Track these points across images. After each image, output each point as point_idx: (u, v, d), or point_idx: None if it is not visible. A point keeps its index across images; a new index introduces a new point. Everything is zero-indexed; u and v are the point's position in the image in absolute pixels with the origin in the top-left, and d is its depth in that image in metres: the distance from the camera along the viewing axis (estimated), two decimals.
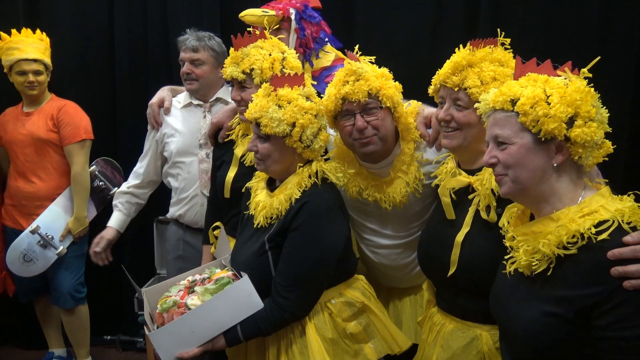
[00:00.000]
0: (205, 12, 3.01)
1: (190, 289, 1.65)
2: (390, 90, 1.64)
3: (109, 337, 3.36)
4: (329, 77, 2.14)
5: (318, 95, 1.72)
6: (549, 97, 1.16)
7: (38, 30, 2.78)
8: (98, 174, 2.93)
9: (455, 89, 1.48)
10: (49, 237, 2.77)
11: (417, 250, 1.71)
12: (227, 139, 2.12)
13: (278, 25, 2.18)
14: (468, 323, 1.52)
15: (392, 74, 1.71)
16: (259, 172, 1.80)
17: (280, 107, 1.58)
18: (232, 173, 2.03)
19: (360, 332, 1.67)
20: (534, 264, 1.17)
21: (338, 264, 1.63)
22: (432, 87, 1.58)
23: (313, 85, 1.76)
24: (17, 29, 2.73)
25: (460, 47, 1.53)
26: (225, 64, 1.90)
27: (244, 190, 1.85)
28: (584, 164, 1.19)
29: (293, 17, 2.20)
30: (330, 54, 2.31)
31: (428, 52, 2.78)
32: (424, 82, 1.61)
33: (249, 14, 2.15)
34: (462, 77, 1.46)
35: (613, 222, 1.10)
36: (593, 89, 1.18)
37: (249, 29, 1.89)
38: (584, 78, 1.19)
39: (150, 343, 1.76)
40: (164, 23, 3.07)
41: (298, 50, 2.20)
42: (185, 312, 1.54)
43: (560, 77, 1.20)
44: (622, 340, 1.05)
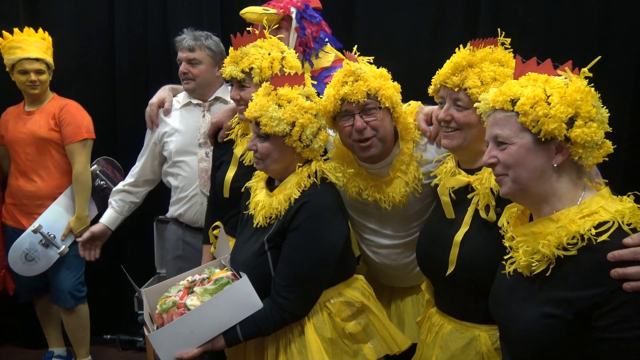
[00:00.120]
0: (205, 12, 3.01)
1: (190, 290, 1.65)
2: (389, 91, 1.64)
3: (109, 336, 3.36)
4: (329, 77, 2.14)
5: (317, 95, 1.72)
6: (549, 97, 1.15)
7: (40, 30, 2.78)
8: (99, 173, 2.93)
9: (456, 89, 1.48)
10: (51, 236, 2.77)
11: (415, 250, 1.71)
12: (226, 139, 2.12)
13: (278, 24, 2.18)
14: (466, 324, 1.52)
15: (392, 74, 1.71)
16: (259, 171, 1.79)
17: (280, 106, 1.58)
18: (231, 173, 2.03)
19: (360, 332, 1.66)
20: (534, 265, 1.16)
21: (337, 264, 1.63)
22: (432, 87, 1.58)
23: (313, 85, 1.76)
24: (17, 29, 2.73)
25: (460, 47, 1.53)
26: (225, 63, 1.90)
27: (244, 190, 1.85)
28: (584, 164, 1.19)
29: (294, 16, 2.20)
30: (330, 55, 2.31)
31: (428, 52, 2.78)
32: (424, 82, 1.61)
33: (250, 12, 2.15)
34: (462, 77, 1.46)
35: (613, 223, 1.09)
36: (593, 89, 1.17)
37: (249, 29, 1.89)
38: (584, 78, 1.18)
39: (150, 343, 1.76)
40: (164, 23, 3.07)
41: (298, 50, 2.20)
42: (185, 312, 1.54)
43: (561, 76, 1.20)
44: (621, 342, 1.05)
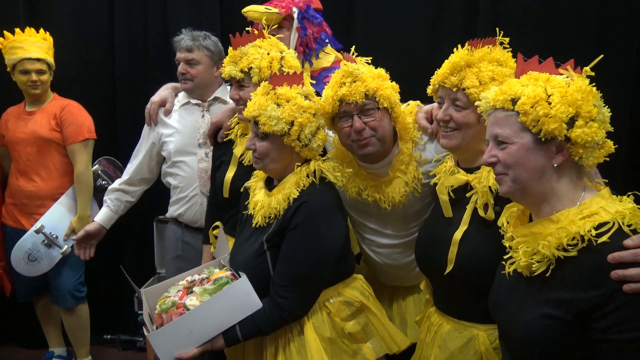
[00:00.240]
0: (205, 12, 3.01)
1: (189, 290, 1.65)
2: (387, 91, 1.64)
3: (109, 336, 3.36)
4: (328, 77, 2.14)
5: (317, 95, 1.72)
6: (550, 96, 1.14)
7: (42, 30, 2.78)
8: (101, 173, 2.93)
9: (454, 89, 1.48)
10: (53, 236, 2.78)
11: (414, 249, 1.71)
12: (226, 139, 2.13)
13: (279, 24, 2.18)
14: (465, 323, 1.52)
15: (391, 74, 1.71)
16: (258, 171, 1.80)
17: (279, 105, 1.58)
18: (231, 173, 2.03)
19: (359, 331, 1.67)
20: (534, 266, 1.16)
21: (336, 264, 1.63)
22: (430, 87, 1.58)
23: (312, 85, 1.76)
24: (18, 29, 2.73)
25: (459, 47, 1.53)
26: (224, 63, 1.90)
27: (242, 190, 1.85)
28: (585, 165, 1.18)
29: (295, 16, 2.20)
30: (331, 55, 2.31)
31: (427, 51, 2.78)
32: (423, 82, 1.61)
33: (252, 10, 2.15)
34: (460, 77, 1.46)
35: (613, 224, 1.09)
36: (595, 88, 1.16)
37: (248, 29, 1.89)
38: (586, 77, 1.17)
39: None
40: (164, 23, 3.07)
41: (298, 50, 2.20)
42: (184, 312, 1.54)
43: (562, 75, 1.19)
44: (621, 343, 1.05)
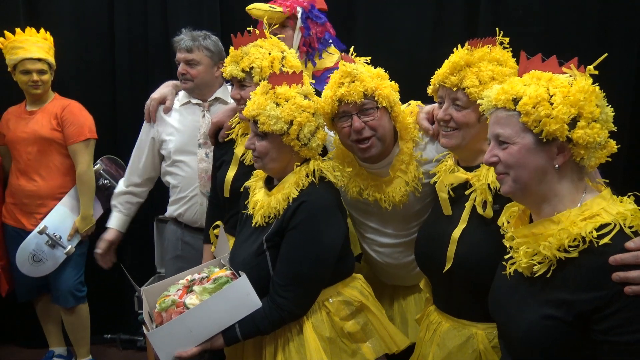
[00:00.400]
0: (205, 12, 3.01)
1: (189, 288, 1.65)
2: (386, 90, 1.64)
3: (110, 335, 3.36)
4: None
5: (319, 95, 1.72)
6: (552, 96, 1.14)
7: (42, 30, 2.78)
8: (103, 173, 2.93)
9: (454, 89, 1.48)
10: (57, 236, 2.78)
11: (414, 248, 1.71)
12: (227, 139, 2.13)
13: (281, 24, 2.18)
14: (464, 322, 1.52)
15: (391, 74, 1.71)
16: (258, 171, 1.80)
17: (278, 105, 1.58)
18: (232, 172, 2.04)
19: (358, 331, 1.67)
20: (535, 267, 1.16)
21: (336, 263, 1.63)
22: (431, 87, 1.58)
23: (315, 85, 1.76)
24: (19, 29, 2.73)
25: (459, 47, 1.53)
26: (225, 63, 1.90)
27: (242, 190, 1.85)
28: (587, 165, 1.17)
29: (299, 15, 2.20)
30: (334, 56, 2.31)
31: (428, 52, 2.78)
32: (424, 82, 1.61)
33: (256, 8, 2.15)
34: (460, 77, 1.46)
35: (615, 225, 1.09)
36: (598, 88, 1.15)
37: (249, 29, 1.89)
38: (589, 75, 1.16)
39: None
40: (164, 23, 3.07)
41: (301, 49, 2.20)
42: (184, 311, 1.54)
43: (566, 74, 1.17)
44: (622, 345, 1.05)
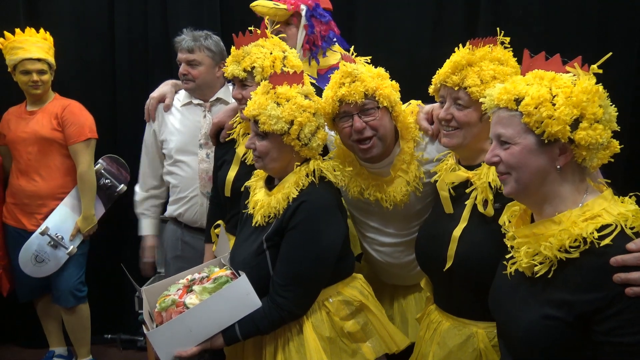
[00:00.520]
0: (206, 12, 3.01)
1: (189, 288, 1.65)
2: (387, 90, 1.64)
3: (110, 335, 3.36)
4: None
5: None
6: (555, 97, 1.13)
7: (42, 30, 2.77)
8: (104, 172, 2.93)
9: (456, 88, 1.48)
10: (59, 237, 2.78)
11: (415, 247, 1.71)
12: (228, 139, 2.13)
13: (285, 21, 2.18)
14: (464, 320, 1.52)
15: (392, 74, 1.71)
16: (258, 171, 1.80)
17: (279, 104, 1.58)
18: (233, 172, 2.04)
19: (358, 331, 1.66)
20: (536, 267, 1.15)
21: (336, 263, 1.63)
22: (432, 86, 1.58)
23: (319, 83, 1.75)
24: (19, 29, 2.73)
25: (460, 46, 1.53)
26: (227, 63, 1.90)
27: (243, 189, 1.85)
28: (589, 166, 1.17)
29: (303, 13, 2.20)
30: (338, 54, 2.31)
31: (428, 52, 2.78)
32: (425, 81, 1.61)
33: (261, 5, 2.15)
34: (462, 76, 1.46)
35: (616, 226, 1.08)
36: (602, 87, 1.14)
37: (251, 28, 1.89)
38: (593, 74, 1.15)
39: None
40: (164, 23, 3.07)
41: (305, 47, 2.20)
42: (184, 311, 1.54)
43: (569, 73, 1.16)
44: (623, 346, 1.04)
